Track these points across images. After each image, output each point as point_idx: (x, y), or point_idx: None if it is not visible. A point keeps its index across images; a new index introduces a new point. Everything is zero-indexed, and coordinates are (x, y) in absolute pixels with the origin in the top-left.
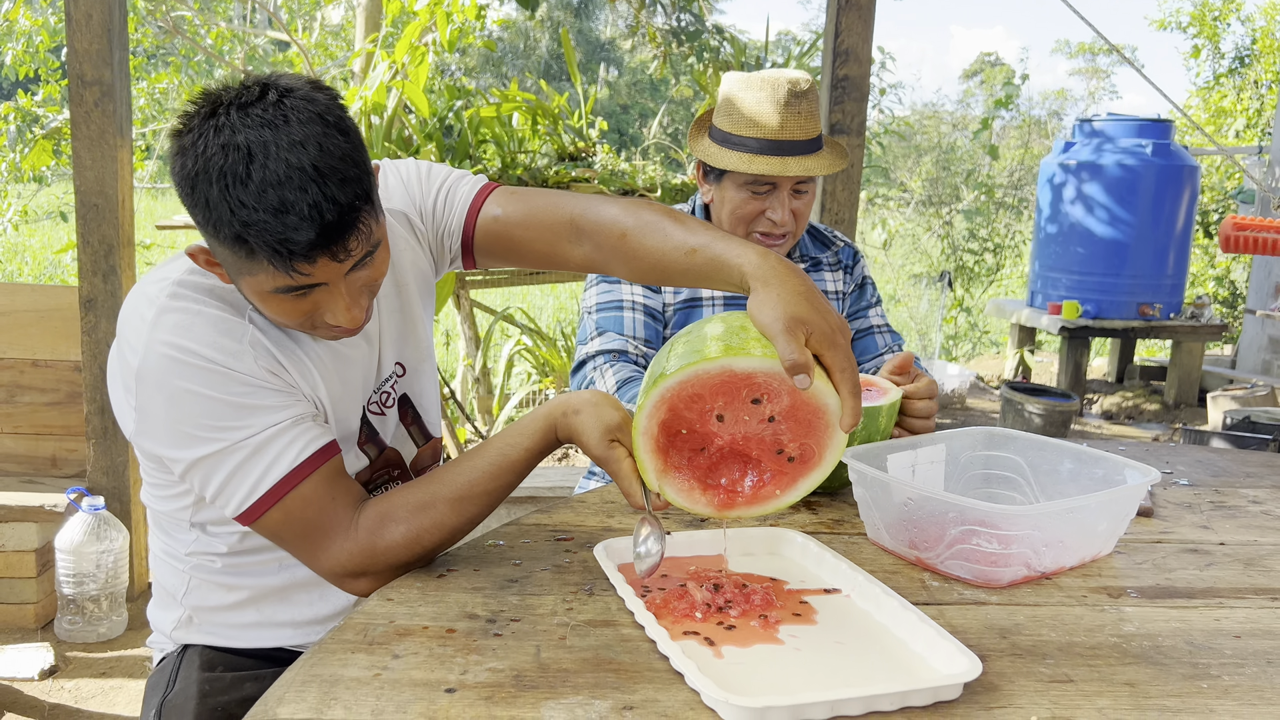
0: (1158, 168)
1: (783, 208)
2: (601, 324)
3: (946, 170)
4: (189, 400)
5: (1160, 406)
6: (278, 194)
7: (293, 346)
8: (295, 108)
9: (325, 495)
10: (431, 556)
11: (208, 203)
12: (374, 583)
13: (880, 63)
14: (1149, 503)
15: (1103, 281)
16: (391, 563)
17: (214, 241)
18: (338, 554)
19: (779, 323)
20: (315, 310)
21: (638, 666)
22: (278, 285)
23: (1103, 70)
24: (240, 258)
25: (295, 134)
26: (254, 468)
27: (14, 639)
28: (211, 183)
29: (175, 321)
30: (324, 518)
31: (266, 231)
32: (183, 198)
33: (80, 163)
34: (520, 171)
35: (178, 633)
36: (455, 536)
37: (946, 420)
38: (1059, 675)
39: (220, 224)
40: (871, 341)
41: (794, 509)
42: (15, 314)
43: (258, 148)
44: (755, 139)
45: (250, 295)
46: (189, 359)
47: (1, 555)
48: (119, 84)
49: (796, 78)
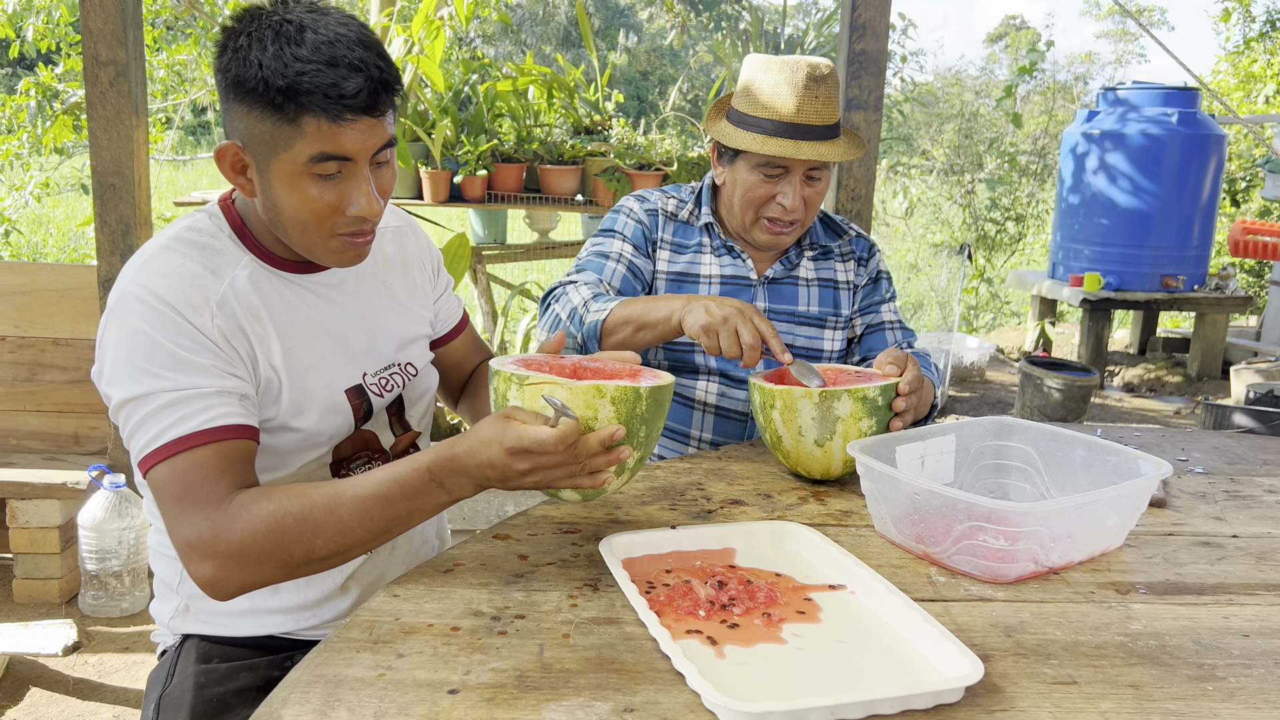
0: (1183, 137)
1: (794, 193)
2: (583, 265)
3: (969, 138)
4: (138, 339)
5: (1183, 379)
6: (329, 50)
7: (262, 314)
8: (331, 9)
9: (214, 468)
10: (287, 569)
11: (260, 64)
12: (219, 570)
13: (902, 29)
14: (1162, 493)
15: (1126, 253)
16: (237, 551)
17: (256, 113)
18: (197, 524)
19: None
20: (340, 201)
21: (640, 667)
22: (315, 153)
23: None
24: (282, 123)
25: (339, 17)
26: (163, 420)
27: (39, 614)
28: (265, 46)
29: (156, 268)
30: (203, 487)
31: (319, 77)
32: (228, 73)
33: (96, 142)
34: (536, 145)
35: (175, 622)
36: (315, 553)
37: (965, 394)
38: (1063, 676)
39: (270, 80)
40: (882, 338)
41: (801, 499)
42: (36, 293)
43: (308, 21)
44: (771, 120)
45: (281, 185)
46: (153, 302)
47: (26, 532)
48: (133, 63)
49: (817, 63)
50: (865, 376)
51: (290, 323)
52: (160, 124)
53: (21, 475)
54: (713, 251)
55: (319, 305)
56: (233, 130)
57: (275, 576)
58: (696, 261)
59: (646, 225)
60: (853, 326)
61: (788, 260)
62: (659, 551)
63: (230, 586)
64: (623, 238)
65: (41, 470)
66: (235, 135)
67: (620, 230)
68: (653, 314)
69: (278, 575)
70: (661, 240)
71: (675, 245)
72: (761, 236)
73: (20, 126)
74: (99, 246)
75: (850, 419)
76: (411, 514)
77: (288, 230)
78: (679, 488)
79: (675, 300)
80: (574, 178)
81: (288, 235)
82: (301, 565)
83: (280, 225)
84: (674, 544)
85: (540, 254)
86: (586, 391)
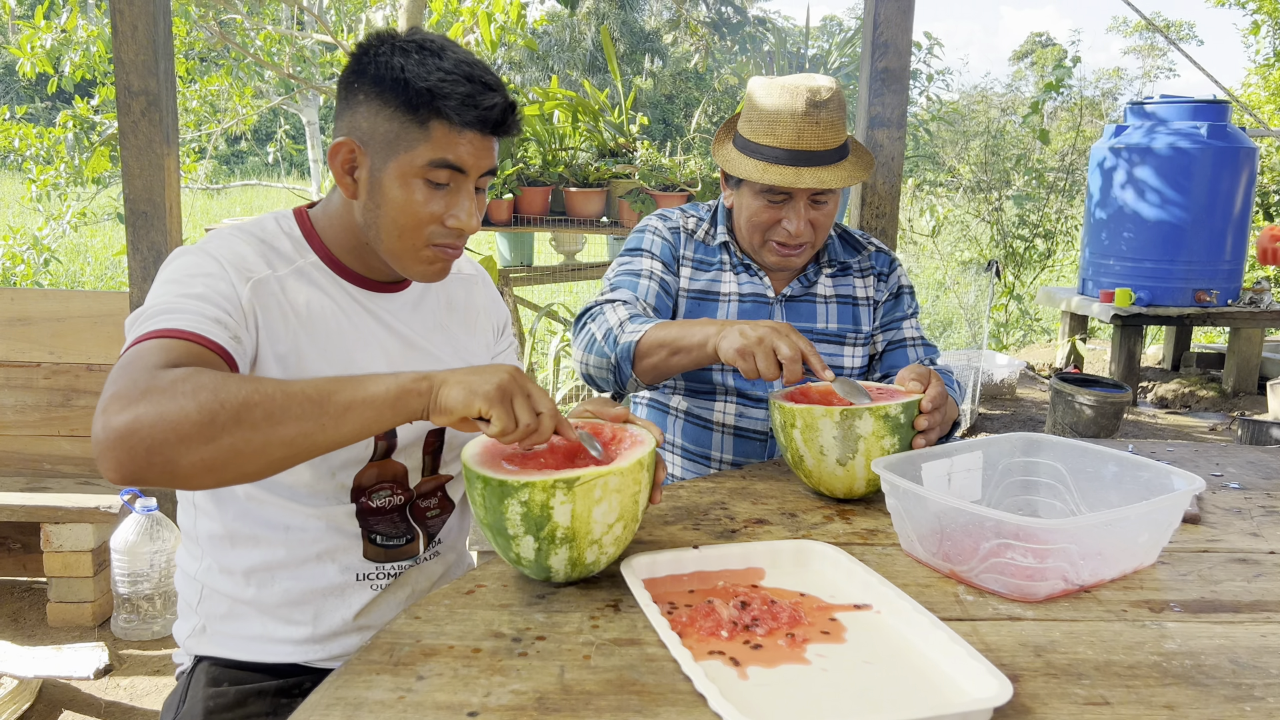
0: (1214, 150)
1: (798, 218)
2: (616, 283)
3: (995, 155)
4: (177, 267)
5: (1218, 394)
6: (468, 69)
7: (292, 316)
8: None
9: (176, 354)
10: (204, 413)
11: (403, 68)
12: (134, 419)
13: (927, 48)
14: (1196, 509)
15: (1157, 268)
16: (155, 391)
17: (387, 112)
18: (132, 379)
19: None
20: (444, 210)
21: (661, 688)
22: (435, 157)
23: (1159, 49)
24: (411, 125)
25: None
26: (156, 320)
27: (73, 637)
28: (409, 54)
29: (215, 240)
30: (142, 362)
31: (459, 87)
32: (365, 74)
33: (129, 171)
34: (561, 169)
35: (191, 642)
36: (230, 397)
37: (995, 411)
38: (1094, 697)
39: (410, 83)
40: (904, 354)
41: (826, 518)
42: (70, 320)
43: (446, 44)
44: (772, 148)
45: (394, 184)
46: (201, 252)
47: (59, 556)
48: (164, 93)
49: (818, 86)
50: (887, 394)
51: (333, 326)
52: (194, 154)
53: (55, 500)
54: (731, 269)
55: (367, 320)
56: (353, 129)
57: (187, 416)
58: (717, 279)
59: (671, 243)
60: (874, 343)
61: (805, 278)
62: (681, 572)
63: (117, 457)
64: (651, 255)
65: (75, 494)
66: (355, 134)
67: (648, 248)
68: (688, 339)
69: (189, 415)
70: (684, 257)
71: (697, 263)
72: (771, 259)
73: (58, 158)
74: (131, 273)
75: (872, 437)
76: (356, 390)
77: (383, 233)
78: (702, 507)
79: (710, 325)
80: (599, 200)
81: (380, 239)
82: (217, 410)
83: (377, 227)
84: (697, 564)
85: (567, 276)
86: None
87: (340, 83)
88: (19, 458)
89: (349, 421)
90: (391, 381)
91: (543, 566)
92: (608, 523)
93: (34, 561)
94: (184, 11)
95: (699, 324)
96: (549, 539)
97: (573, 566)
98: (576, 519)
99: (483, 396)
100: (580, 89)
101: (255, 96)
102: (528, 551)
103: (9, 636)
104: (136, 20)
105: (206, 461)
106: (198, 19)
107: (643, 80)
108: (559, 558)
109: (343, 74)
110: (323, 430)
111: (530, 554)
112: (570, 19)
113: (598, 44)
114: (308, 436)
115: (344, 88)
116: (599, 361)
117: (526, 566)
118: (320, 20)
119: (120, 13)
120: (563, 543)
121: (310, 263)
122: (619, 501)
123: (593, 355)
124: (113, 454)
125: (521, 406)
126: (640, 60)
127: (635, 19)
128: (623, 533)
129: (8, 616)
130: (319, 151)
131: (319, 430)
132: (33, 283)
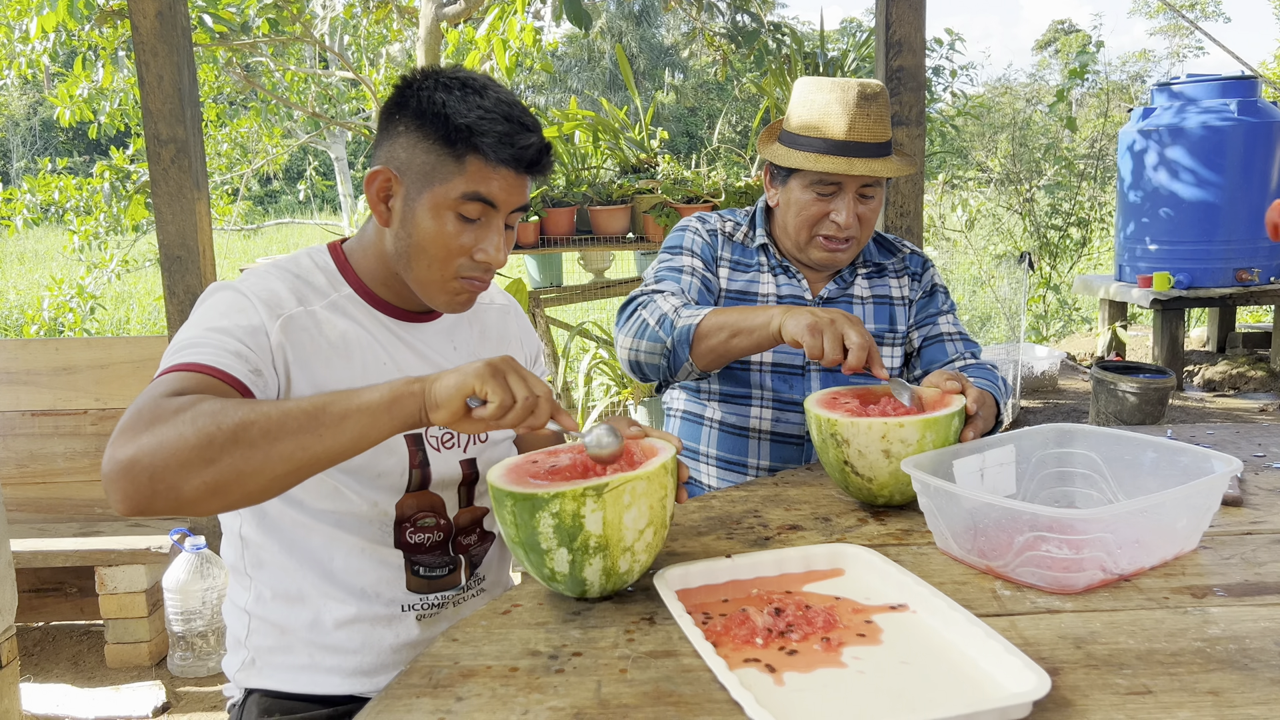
0: (1246, 126)
1: (848, 210)
2: (660, 276)
3: (1024, 146)
4: (206, 305)
5: (1266, 374)
6: (508, 109)
7: (326, 347)
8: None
9: (171, 386)
10: (201, 436)
11: (444, 103)
12: (138, 450)
13: (949, 44)
14: (1237, 491)
15: (1195, 249)
16: (138, 443)
17: (426, 144)
18: (124, 418)
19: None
20: (473, 243)
21: (698, 698)
22: (468, 190)
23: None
24: (448, 158)
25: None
26: (170, 358)
27: (131, 677)
28: (452, 90)
29: (250, 277)
30: (151, 396)
31: (498, 125)
32: (407, 107)
33: (162, 217)
34: (585, 188)
35: (241, 675)
36: (227, 419)
37: (1037, 404)
38: (1137, 686)
39: (450, 118)
40: (941, 349)
41: (861, 520)
42: (113, 366)
43: (488, 83)
44: (824, 139)
45: (426, 215)
46: (235, 290)
47: (115, 597)
48: (192, 140)
49: (868, 82)
50: (935, 405)
51: (370, 356)
52: (228, 196)
53: (108, 543)
54: (769, 270)
55: (401, 350)
56: (391, 158)
57: (185, 441)
58: (755, 280)
59: (710, 243)
60: (910, 341)
61: (842, 280)
62: (715, 581)
63: (123, 483)
64: (691, 253)
65: (126, 537)
66: (393, 163)
67: (689, 247)
68: (750, 320)
69: (187, 440)
70: (722, 258)
71: (735, 264)
72: (817, 255)
73: (97, 207)
74: (169, 316)
75: (917, 446)
76: (350, 400)
77: (412, 263)
78: (735, 516)
79: (773, 308)
80: (624, 216)
81: (409, 268)
82: (214, 433)
83: (407, 256)
84: (730, 573)
85: (597, 294)
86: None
87: (382, 113)
88: (71, 504)
89: (346, 430)
90: (385, 388)
91: (577, 580)
92: (639, 528)
93: (90, 605)
94: (211, 57)
95: (760, 308)
96: (582, 549)
97: (607, 577)
98: (608, 526)
99: (474, 375)
100: (599, 108)
101: (284, 136)
102: (562, 565)
103: (70, 680)
104: (162, 71)
105: (209, 484)
106: (224, 64)
107: (664, 95)
108: (593, 568)
109: (384, 105)
110: (320, 441)
111: (565, 567)
112: (586, 39)
113: (616, 62)
114: (306, 449)
115: (385, 119)
116: (651, 347)
117: (561, 582)
118: (342, 57)
119: (146, 64)
120: (596, 551)
121: (344, 295)
122: (648, 505)
123: (645, 341)
124: (118, 485)
125: (516, 382)
126: (661, 75)
127: (653, 34)
128: (654, 538)
129: (68, 660)
130: (348, 186)
131: (317, 441)
132: (81, 331)
